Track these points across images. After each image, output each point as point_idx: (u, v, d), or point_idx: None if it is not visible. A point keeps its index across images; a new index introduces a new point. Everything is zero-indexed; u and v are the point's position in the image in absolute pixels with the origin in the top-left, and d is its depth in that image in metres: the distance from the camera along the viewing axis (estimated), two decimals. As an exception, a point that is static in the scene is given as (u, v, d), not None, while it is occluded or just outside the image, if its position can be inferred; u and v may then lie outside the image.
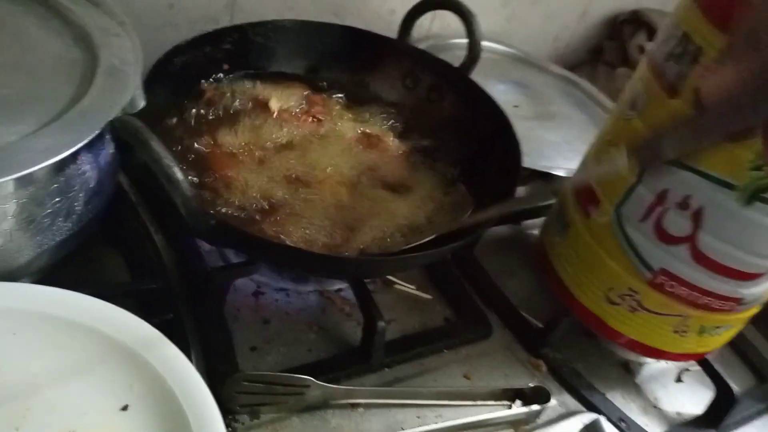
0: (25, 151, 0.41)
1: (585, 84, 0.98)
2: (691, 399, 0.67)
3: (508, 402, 0.59)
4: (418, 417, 0.56)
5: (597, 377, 0.65)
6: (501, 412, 0.58)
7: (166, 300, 0.56)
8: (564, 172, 0.75)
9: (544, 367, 0.64)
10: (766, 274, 0.55)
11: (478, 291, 0.68)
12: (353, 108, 0.72)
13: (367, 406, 0.56)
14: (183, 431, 0.42)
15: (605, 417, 0.60)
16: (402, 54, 0.73)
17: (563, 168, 0.76)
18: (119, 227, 0.62)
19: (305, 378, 0.52)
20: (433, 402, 0.58)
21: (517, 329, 0.67)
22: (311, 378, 0.52)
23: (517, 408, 0.59)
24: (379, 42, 0.72)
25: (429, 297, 0.67)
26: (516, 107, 0.87)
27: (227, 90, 0.67)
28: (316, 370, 0.54)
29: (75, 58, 0.49)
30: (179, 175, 0.42)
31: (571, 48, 1.12)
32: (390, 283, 0.67)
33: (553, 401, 0.60)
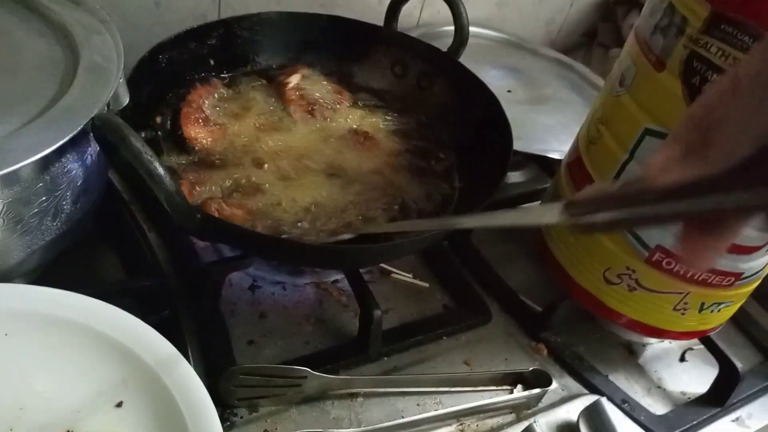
0: (8, 150, 0.41)
1: (579, 66, 0.97)
2: (696, 378, 0.66)
3: (509, 387, 0.59)
4: (418, 405, 0.56)
5: (599, 359, 0.64)
6: (502, 396, 0.57)
7: (162, 297, 0.56)
8: (559, 154, 0.75)
9: (545, 351, 0.63)
10: (764, 247, 0.54)
11: (476, 277, 0.68)
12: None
13: (367, 395, 0.56)
14: (178, 426, 0.42)
15: (607, 398, 0.59)
16: (389, 41, 0.72)
17: (558, 151, 0.76)
18: (113, 226, 0.62)
19: (302, 369, 0.52)
20: (433, 389, 0.57)
21: (517, 314, 0.66)
22: (307, 369, 0.52)
23: (519, 392, 0.58)
24: (366, 30, 0.71)
25: (426, 285, 0.66)
26: (509, 92, 0.86)
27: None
28: (313, 361, 0.54)
29: (57, 56, 0.49)
30: (161, 170, 0.42)
31: (565, 31, 1.11)
32: (387, 273, 0.67)
33: (555, 385, 0.60)
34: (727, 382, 0.63)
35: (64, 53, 0.49)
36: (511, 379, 0.59)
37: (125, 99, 0.50)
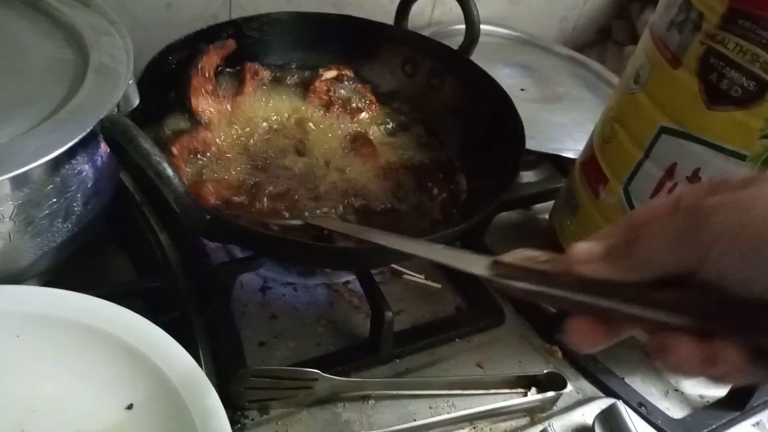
0: (17, 152, 0.41)
1: (593, 64, 0.96)
2: (714, 381, 0.65)
3: (522, 390, 0.58)
4: (430, 407, 0.56)
5: (615, 362, 0.63)
6: (516, 400, 0.56)
7: (172, 298, 0.56)
8: (573, 153, 0.74)
9: (559, 353, 0.62)
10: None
11: (489, 278, 0.67)
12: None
13: (378, 397, 0.55)
14: (187, 429, 0.42)
15: (623, 402, 0.58)
16: (400, 40, 0.71)
17: (572, 150, 0.75)
18: (124, 227, 0.62)
19: (312, 371, 0.51)
20: (446, 392, 0.57)
21: (531, 316, 0.65)
22: (318, 371, 0.51)
23: (533, 395, 0.57)
24: (376, 29, 0.71)
25: (438, 286, 0.66)
26: (522, 90, 0.85)
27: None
28: (324, 363, 0.54)
29: (66, 58, 0.49)
30: (169, 171, 0.41)
31: (579, 29, 1.10)
32: (398, 274, 0.66)
33: (570, 387, 0.59)
34: (748, 385, 0.61)
35: (73, 55, 0.49)
36: (525, 382, 0.58)
37: (135, 100, 0.50)
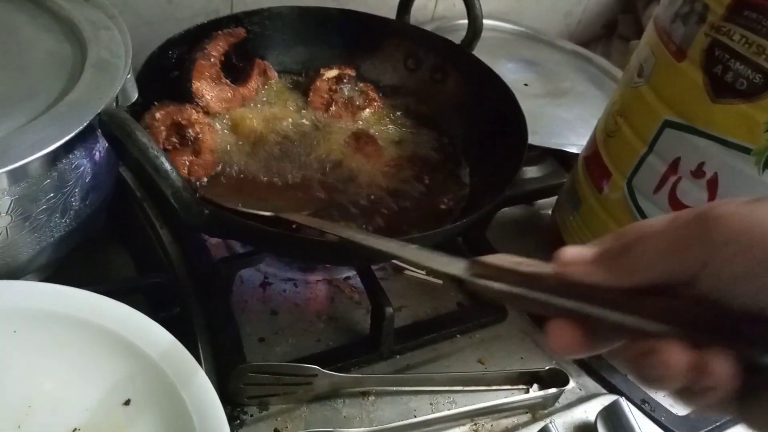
0: (14, 146, 0.40)
1: (598, 59, 0.95)
2: (720, 378, 0.64)
3: (524, 386, 0.58)
4: (431, 404, 0.55)
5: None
6: (517, 396, 0.56)
7: (173, 294, 0.56)
8: (577, 149, 0.73)
9: (561, 350, 0.62)
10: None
11: (491, 274, 0.67)
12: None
13: (379, 394, 0.55)
14: (185, 424, 0.42)
15: (626, 398, 0.57)
16: (402, 35, 0.71)
17: (576, 145, 0.74)
18: (125, 223, 0.62)
19: (312, 367, 0.51)
20: (447, 388, 0.56)
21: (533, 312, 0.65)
22: (318, 367, 0.51)
23: (534, 392, 0.57)
24: (378, 24, 0.70)
25: (439, 282, 0.65)
26: (526, 85, 0.85)
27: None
28: (325, 359, 0.54)
29: (65, 52, 0.48)
30: (167, 165, 0.41)
31: (584, 23, 1.09)
32: (400, 270, 0.66)
33: (572, 384, 0.58)
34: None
35: (72, 49, 0.49)
36: (527, 378, 0.58)
37: (134, 95, 0.50)
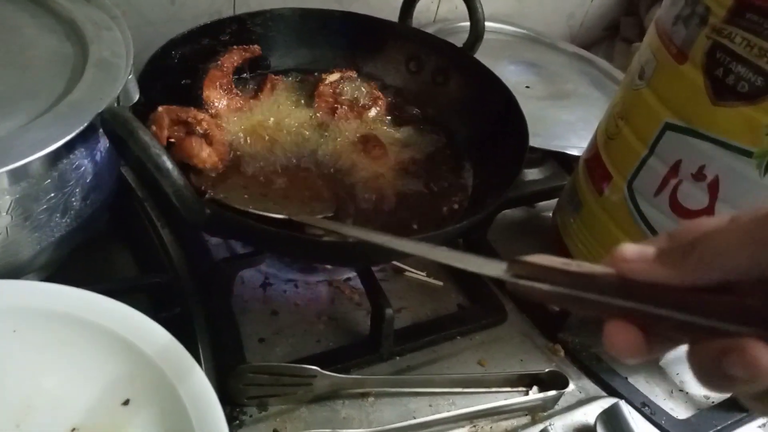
0: (15, 145, 0.40)
1: (601, 62, 0.95)
2: (720, 381, 0.64)
3: (524, 388, 0.58)
4: (430, 405, 0.55)
5: (618, 361, 0.62)
6: (517, 398, 0.56)
7: (173, 294, 0.56)
8: (578, 151, 0.73)
9: (561, 352, 0.62)
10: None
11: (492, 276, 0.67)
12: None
13: (378, 395, 0.55)
14: (184, 425, 0.42)
15: (626, 401, 0.57)
16: (404, 37, 0.71)
17: (578, 147, 0.74)
18: (126, 223, 0.62)
19: (311, 368, 0.51)
20: (446, 390, 0.56)
21: (533, 314, 0.65)
22: (317, 368, 0.51)
23: (534, 394, 0.57)
24: (380, 26, 0.70)
25: (440, 284, 0.65)
26: (528, 88, 0.85)
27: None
28: (324, 360, 0.54)
29: (67, 52, 0.49)
30: (169, 164, 0.41)
31: (586, 26, 1.09)
32: (400, 271, 0.66)
33: (572, 386, 0.58)
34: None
35: (73, 49, 0.49)
36: (527, 381, 0.58)
37: (135, 95, 0.50)
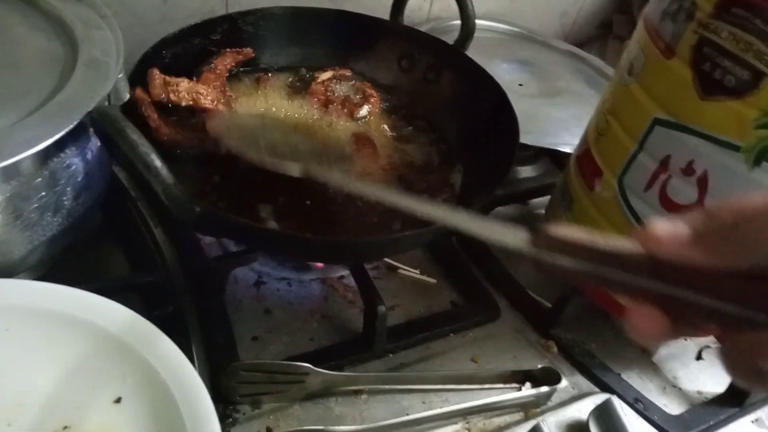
0: (5, 144, 0.40)
1: (593, 59, 0.95)
2: (713, 377, 0.64)
3: (517, 384, 0.58)
4: (423, 402, 0.55)
5: (611, 357, 0.62)
6: (510, 394, 0.56)
7: (166, 293, 0.56)
8: (570, 148, 0.73)
9: (554, 348, 0.62)
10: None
11: (484, 273, 0.67)
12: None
13: (371, 392, 0.55)
14: (176, 423, 0.42)
15: (619, 397, 0.57)
16: (396, 35, 0.71)
17: (570, 144, 0.74)
18: (119, 221, 0.62)
19: (303, 365, 0.51)
20: (439, 386, 0.56)
21: (526, 310, 0.65)
22: (309, 365, 0.51)
23: (527, 390, 0.57)
24: (372, 24, 0.70)
25: (433, 281, 0.65)
26: (521, 86, 0.85)
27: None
28: (318, 358, 0.54)
29: (56, 51, 0.49)
30: (157, 162, 0.41)
31: (579, 24, 1.09)
32: (394, 269, 0.66)
33: (565, 383, 0.59)
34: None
35: (63, 48, 0.49)
36: (520, 377, 0.58)
37: (125, 94, 0.50)
